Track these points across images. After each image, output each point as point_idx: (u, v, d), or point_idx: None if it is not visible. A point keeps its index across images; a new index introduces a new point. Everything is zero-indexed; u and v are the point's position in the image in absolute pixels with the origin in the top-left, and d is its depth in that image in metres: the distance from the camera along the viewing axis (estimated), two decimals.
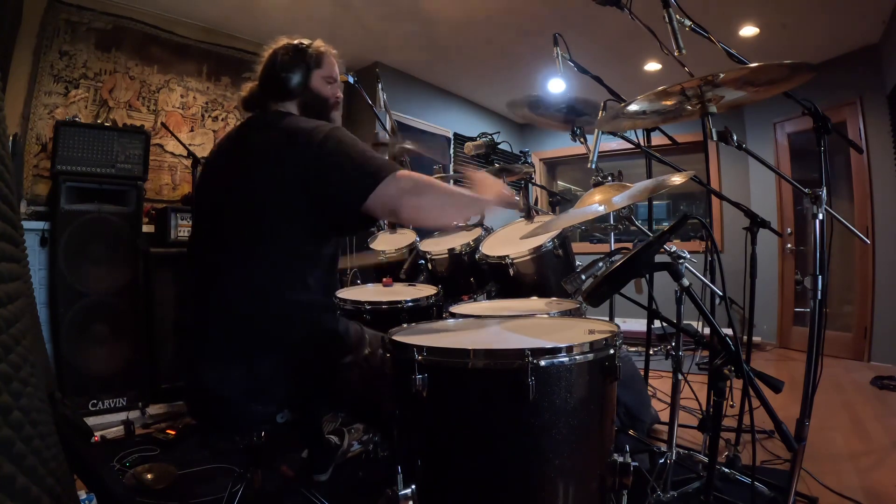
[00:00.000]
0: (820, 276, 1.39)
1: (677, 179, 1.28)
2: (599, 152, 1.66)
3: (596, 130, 1.65)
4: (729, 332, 1.11)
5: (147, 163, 2.77)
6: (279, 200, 1.22)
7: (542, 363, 0.91)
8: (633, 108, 1.43)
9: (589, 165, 1.68)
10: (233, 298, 1.22)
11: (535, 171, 2.63)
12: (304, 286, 1.25)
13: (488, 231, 2.41)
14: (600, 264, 1.36)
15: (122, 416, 2.48)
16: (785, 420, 1.02)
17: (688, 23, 1.40)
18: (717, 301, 1.70)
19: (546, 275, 1.97)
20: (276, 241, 1.23)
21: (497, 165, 2.45)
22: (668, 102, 1.43)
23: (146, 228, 2.84)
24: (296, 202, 1.22)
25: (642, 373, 2.39)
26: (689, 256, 1.24)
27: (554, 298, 1.79)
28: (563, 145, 6.05)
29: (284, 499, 1.75)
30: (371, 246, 2.55)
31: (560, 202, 2.87)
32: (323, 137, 1.22)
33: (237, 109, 3.87)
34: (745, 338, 2.00)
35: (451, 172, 5.01)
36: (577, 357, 0.95)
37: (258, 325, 1.21)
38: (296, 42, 1.38)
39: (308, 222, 1.24)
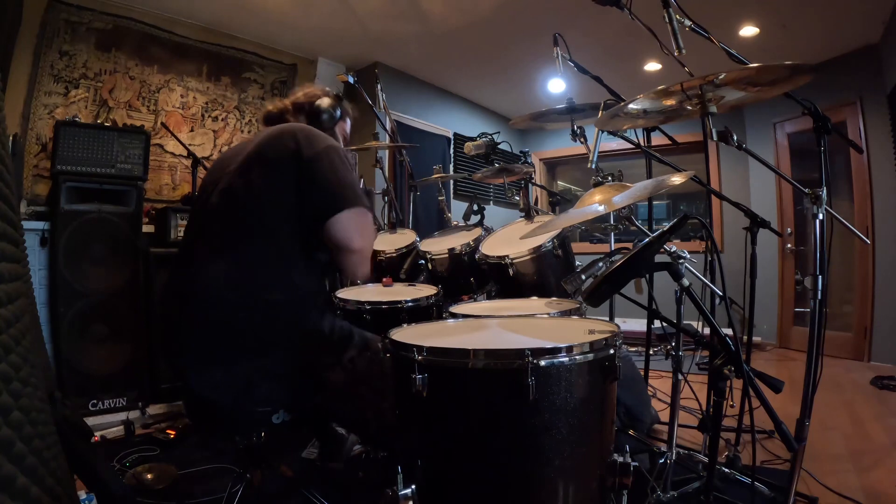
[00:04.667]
0: (820, 276, 1.39)
1: (677, 179, 1.28)
2: (599, 152, 1.66)
3: (596, 130, 1.65)
4: (729, 332, 1.11)
5: (147, 163, 2.77)
6: (272, 197, 1.25)
7: (542, 363, 0.91)
8: (633, 107, 1.43)
9: (589, 165, 1.67)
10: (215, 297, 1.21)
11: (535, 171, 2.63)
12: (288, 285, 1.25)
13: (488, 231, 2.41)
14: (600, 264, 1.36)
15: (122, 416, 2.48)
16: (785, 420, 1.01)
17: (688, 23, 1.40)
18: (717, 301, 1.70)
19: (546, 275, 1.97)
20: (261, 239, 1.24)
21: (497, 165, 2.45)
22: (669, 102, 1.43)
23: (146, 228, 2.84)
24: (287, 202, 1.25)
25: (642, 373, 2.39)
26: (689, 256, 1.23)
27: (554, 298, 1.79)
28: (563, 145, 6.05)
29: (284, 499, 1.75)
30: None
31: (560, 202, 2.87)
32: (323, 149, 1.29)
33: (237, 109, 3.88)
34: (745, 338, 2.00)
35: (452, 172, 5.01)
36: (577, 357, 0.95)
37: (240, 324, 1.20)
38: (336, 93, 1.59)
39: (296, 222, 1.26)
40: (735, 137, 1.35)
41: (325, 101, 1.53)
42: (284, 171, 1.26)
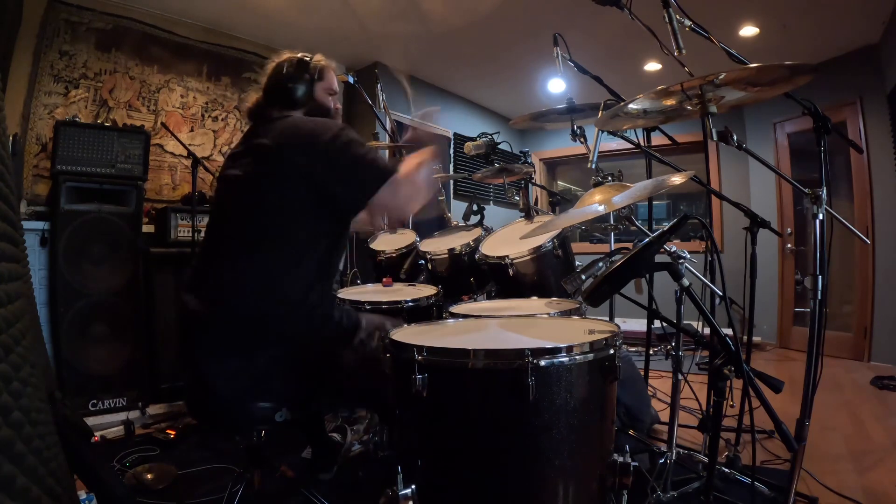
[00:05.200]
0: (820, 276, 1.39)
1: (677, 179, 1.28)
2: (599, 152, 1.66)
3: (596, 130, 1.65)
4: (729, 332, 1.11)
5: (147, 163, 2.77)
6: (284, 194, 1.26)
7: (542, 363, 0.91)
8: (633, 107, 1.43)
9: (589, 165, 1.67)
10: (232, 294, 1.25)
11: (535, 171, 2.63)
12: (303, 280, 1.28)
13: (488, 231, 2.41)
14: (600, 264, 1.36)
15: (122, 416, 2.48)
16: (785, 420, 1.02)
17: (688, 23, 1.40)
18: (717, 301, 1.70)
19: (546, 275, 1.97)
20: (276, 237, 1.27)
21: (497, 165, 2.45)
22: (669, 102, 1.43)
23: (146, 228, 2.84)
24: (300, 195, 1.26)
25: (642, 373, 2.39)
26: (689, 256, 1.24)
27: (554, 298, 1.79)
28: (563, 145, 6.04)
29: (284, 499, 1.75)
30: (371, 246, 2.54)
31: (560, 202, 2.87)
32: (334, 134, 1.28)
33: (237, 109, 3.88)
34: (745, 338, 2.00)
35: (452, 172, 5.01)
36: (577, 357, 0.95)
37: (256, 319, 1.23)
38: (299, 56, 1.47)
39: (310, 216, 1.28)
40: (735, 137, 1.36)
41: (294, 80, 1.43)
42: (297, 185, 1.27)
